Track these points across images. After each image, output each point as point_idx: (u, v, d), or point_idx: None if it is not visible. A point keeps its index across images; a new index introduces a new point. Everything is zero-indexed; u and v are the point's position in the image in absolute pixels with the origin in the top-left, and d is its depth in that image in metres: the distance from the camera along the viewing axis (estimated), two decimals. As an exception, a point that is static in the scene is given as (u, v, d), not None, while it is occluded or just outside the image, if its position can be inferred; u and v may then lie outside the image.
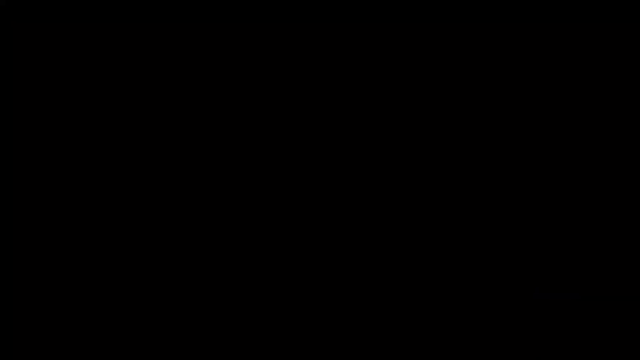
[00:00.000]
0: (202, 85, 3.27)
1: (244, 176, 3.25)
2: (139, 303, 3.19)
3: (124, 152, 3.24)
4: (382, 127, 3.26)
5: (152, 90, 3.26)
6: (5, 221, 3.19)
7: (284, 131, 3.26)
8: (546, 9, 3.23)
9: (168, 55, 3.26)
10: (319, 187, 3.24)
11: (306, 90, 3.27)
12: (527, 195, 3.22)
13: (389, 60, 3.26)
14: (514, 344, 3.14)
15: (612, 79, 3.23)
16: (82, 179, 3.23)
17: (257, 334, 3.18)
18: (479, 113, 3.25)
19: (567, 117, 3.24)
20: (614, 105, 3.23)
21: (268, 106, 3.27)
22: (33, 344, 3.16)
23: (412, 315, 3.17)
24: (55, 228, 3.21)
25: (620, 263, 3.18)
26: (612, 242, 3.19)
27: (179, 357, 3.16)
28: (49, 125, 3.24)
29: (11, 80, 3.23)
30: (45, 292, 3.18)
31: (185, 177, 3.24)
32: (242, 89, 3.27)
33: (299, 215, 3.23)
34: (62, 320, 3.17)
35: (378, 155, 3.25)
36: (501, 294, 3.18)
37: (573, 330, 3.14)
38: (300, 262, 3.22)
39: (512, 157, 3.23)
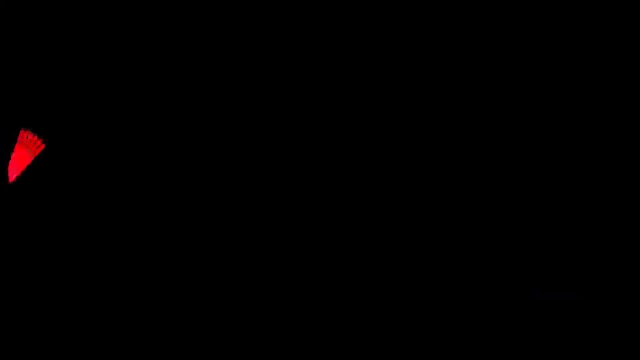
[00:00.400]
0: (202, 85, 3.27)
1: (244, 176, 3.25)
2: (139, 303, 3.19)
3: (124, 152, 3.24)
4: (382, 127, 3.26)
5: (152, 91, 3.26)
6: (5, 221, 3.19)
7: (283, 131, 3.26)
8: (546, 9, 3.23)
9: (168, 55, 3.26)
10: (319, 187, 3.24)
11: (306, 90, 3.27)
12: (527, 196, 3.22)
13: (389, 60, 3.27)
14: (514, 344, 3.14)
15: (612, 79, 3.23)
16: (82, 178, 3.23)
17: (257, 334, 3.18)
18: (479, 113, 3.25)
19: (567, 117, 3.24)
20: (614, 105, 3.24)
21: (268, 106, 3.27)
22: (33, 344, 3.16)
23: (412, 315, 3.17)
24: (55, 228, 3.21)
25: (620, 263, 3.18)
26: (612, 242, 3.19)
27: (179, 357, 3.16)
28: (49, 125, 3.24)
29: (11, 80, 3.23)
30: (45, 292, 3.19)
31: (186, 177, 3.24)
32: (242, 89, 3.27)
33: (299, 215, 3.23)
34: (62, 320, 3.17)
35: (378, 155, 3.25)
36: (501, 294, 3.18)
37: (573, 330, 3.14)
38: (301, 262, 3.22)
39: (512, 157, 3.24)
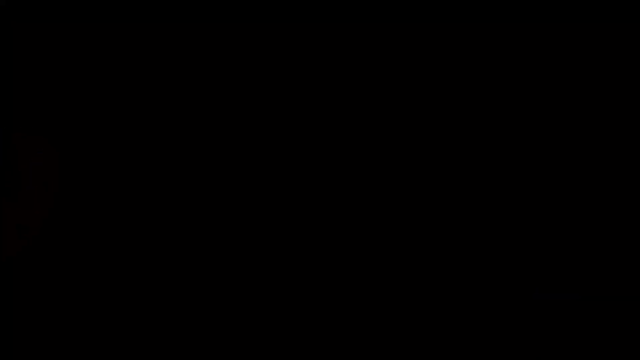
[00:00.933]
0: (202, 85, 3.27)
1: (244, 176, 3.25)
2: (139, 303, 3.19)
3: (124, 152, 3.24)
4: (382, 127, 3.26)
5: (152, 91, 3.26)
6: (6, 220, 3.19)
7: (283, 131, 3.26)
8: (546, 9, 3.23)
9: (168, 55, 3.26)
10: (319, 187, 3.24)
11: (306, 91, 3.27)
12: (527, 196, 3.22)
13: (389, 60, 3.26)
14: (514, 344, 3.14)
15: (612, 79, 3.23)
16: (82, 178, 3.23)
17: (257, 334, 3.18)
18: (479, 113, 3.25)
19: (567, 117, 3.24)
20: (614, 105, 3.24)
21: (268, 106, 3.27)
22: (33, 344, 3.16)
23: (412, 315, 3.17)
24: (54, 228, 3.21)
25: (620, 263, 3.18)
26: (612, 242, 3.19)
27: (179, 357, 3.16)
28: (49, 125, 3.24)
29: (11, 81, 3.23)
30: (45, 292, 3.19)
31: (185, 177, 3.24)
32: (242, 89, 3.27)
33: (298, 215, 3.23)
34: (62, 321, 3.17)
35: (378, 155, 3.25)
36: (501, 294, 3.18)
37: (573, 330, 3.14)
38: (301, 262, 3.22)
39: (512, 157, 3.23)
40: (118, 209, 3.23)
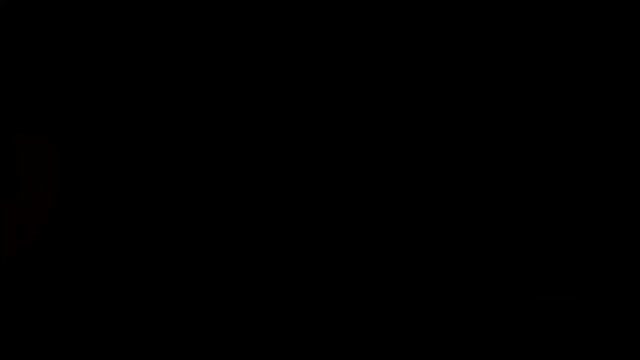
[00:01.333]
0: (202, 85, 3.27)
1: (244, 176, 3.25)
2: (139, 303, 3.19)
3: (124, 152, 3.24)
4: (382, 127, 3.26)
5: (152, 91, 3.26)
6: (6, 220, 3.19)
7: (283, 131, 3.26)
8: (546, 9, 3.23)
9: (168, 55, 3.26)
10: (319, 187, 3.24)
11: (306, 91, 3.27)
12: (527, 196, 3.22)
13: (389, 60, 3.26)
14: (514, 344, 3.14)
15: (612, 79, 3.23)
16: (82, 178, 3.23)
17: (257, 334, 3.18)
18: (479, 113, 3.25)
19: (567, 117, 3.24)
20: (614, 105, 3.24)
21: (268, 106, 3.27)
22: (33, 344, 3.16)
23: (412, 315, 3.17)
24: (54, 228, 3.21)
25: (620, 263, 3.18)
26: (612, 242, 3.19)
27: (179, 357, 3.16)
28: (49, 125, 3.24)
29: (11, 81, 3.23)
30: (45, 292, 3.19)
31: (185, 177, 3.24)
32: (242, 89, 3.27)
33: (298, 215, 3.23)
34: (62, 321, 3.17)
35: (378, 155, 3.25)
36: (501, 294, 3.18)
37: (573, 330, 3.14)
38: (301, 262, 3.22)
39: (512, 157, 3.23)
40: (118, 208, 3.23)
